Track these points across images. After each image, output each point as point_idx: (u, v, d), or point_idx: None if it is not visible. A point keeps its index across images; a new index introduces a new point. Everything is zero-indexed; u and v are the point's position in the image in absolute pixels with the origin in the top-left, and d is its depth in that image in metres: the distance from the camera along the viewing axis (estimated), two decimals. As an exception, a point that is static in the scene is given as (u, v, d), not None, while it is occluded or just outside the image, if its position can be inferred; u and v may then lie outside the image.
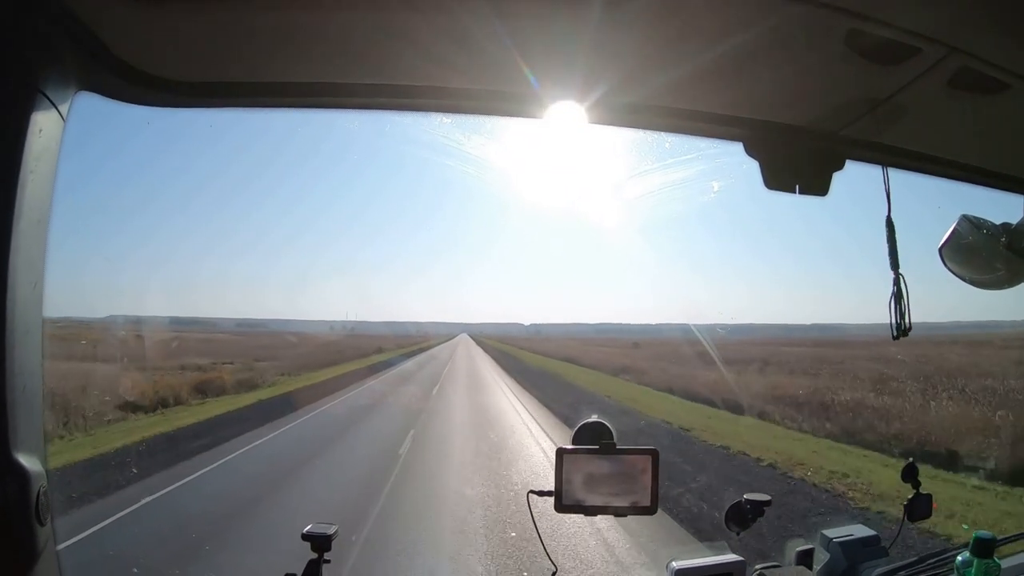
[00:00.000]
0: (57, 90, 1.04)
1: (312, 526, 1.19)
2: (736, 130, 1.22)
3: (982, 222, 1.36)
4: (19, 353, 0.98)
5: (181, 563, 5.11)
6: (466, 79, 1.11)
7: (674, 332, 39.67)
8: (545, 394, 17.93)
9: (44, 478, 1.01)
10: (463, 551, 5.47)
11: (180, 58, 1.09)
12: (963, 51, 1.00)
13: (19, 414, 0.97)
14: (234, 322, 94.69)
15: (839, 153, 1.25)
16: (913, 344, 21.60)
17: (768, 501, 1.30)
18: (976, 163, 1.40)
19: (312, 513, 5.75)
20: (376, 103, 1.17)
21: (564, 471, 1.10)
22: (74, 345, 17.06)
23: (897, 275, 1.24)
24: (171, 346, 24.18)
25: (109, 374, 15.55)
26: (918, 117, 1.19)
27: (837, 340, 43.17)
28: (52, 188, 1.07)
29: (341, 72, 1.11)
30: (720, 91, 1.13)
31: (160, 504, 6.96)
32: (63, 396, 12.13)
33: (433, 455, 9.70)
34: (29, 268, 1.01)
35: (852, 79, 1.09)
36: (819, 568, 1.35)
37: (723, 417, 14.03)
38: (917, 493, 1.44)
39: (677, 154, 2.85)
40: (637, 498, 1.10)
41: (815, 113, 1.19)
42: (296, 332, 62.55)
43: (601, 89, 1.10)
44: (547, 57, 1.05)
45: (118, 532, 6.01)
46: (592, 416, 1.19)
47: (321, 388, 20.27)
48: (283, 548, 3.47)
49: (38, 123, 1.00)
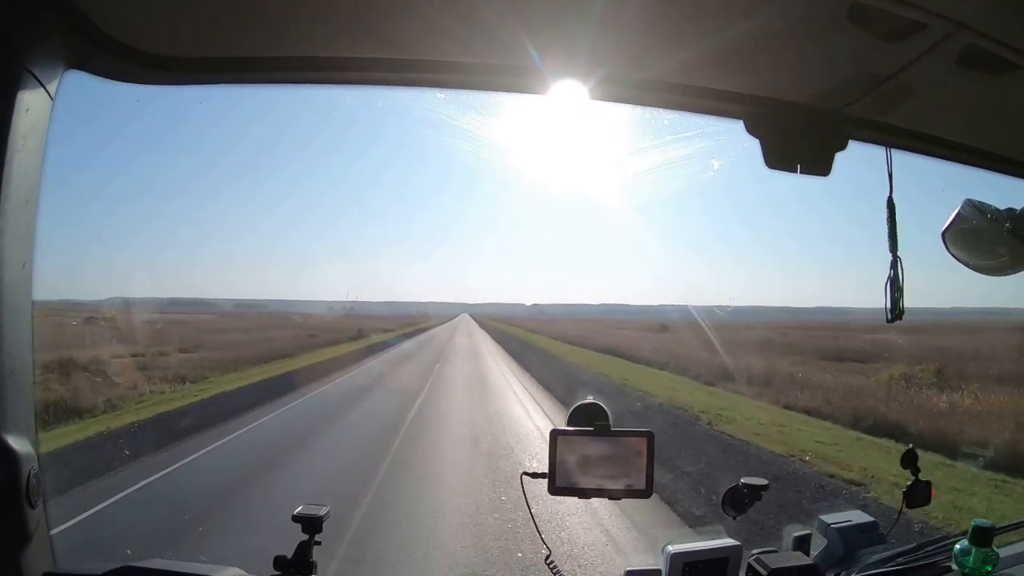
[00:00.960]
0: (44, 68, 1.02)
1: (303, 507, 1.19)
2: (737, 107, 1.19)
3: (986, 207, 1.34)
4: (7, 333, 0.97)
5: (178, 542, 5.05)
6: (469, 53, 1.10)
7: (680, 314, 37.39)
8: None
9: (35, 460, 1.00)
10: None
11: (172, 33, 1.07)
12: (970, 28, 0.97)
13: (7, 396, 0.97)
14: (232, 303, 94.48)
15: (842, 132, 1.23)
16: (909, 329, 21.63)
17: (765, 485, 1.29)
18: (981, 145, 1.38)
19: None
20: (377, 78, 1.15)
21: (558, 453, 1.09)
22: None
23: (895, 258, 1.22)
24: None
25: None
26: (923, 96, 1.17)
27: (838, 324, 42.73)
28: (41, 168, 1.06)
29: (341, 45, 1.09)
30: (721, 67, 1.11)
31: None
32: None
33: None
34: (18, 248, 1.00)
35: (856, 56, 1.06)
36: (816, 553, 1.34)
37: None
38: (916, 480, 1.43)
39: (677, 131, 2.82)
40: (632, 481, 1.10)
41: (818, 91, 1.16)
42: (281, 313, 59.99)
43: (603, 64, 1.09)
44: (550, 32, 1.03)
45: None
46: (588, 397, 1.18)
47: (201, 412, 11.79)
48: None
49: (25, 102, 0.99)
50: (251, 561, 1.18)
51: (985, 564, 1.25)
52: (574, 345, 33.10)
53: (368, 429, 10.29)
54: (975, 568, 1.25)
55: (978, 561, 1.25)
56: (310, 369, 19.26)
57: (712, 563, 1.16)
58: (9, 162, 0.97)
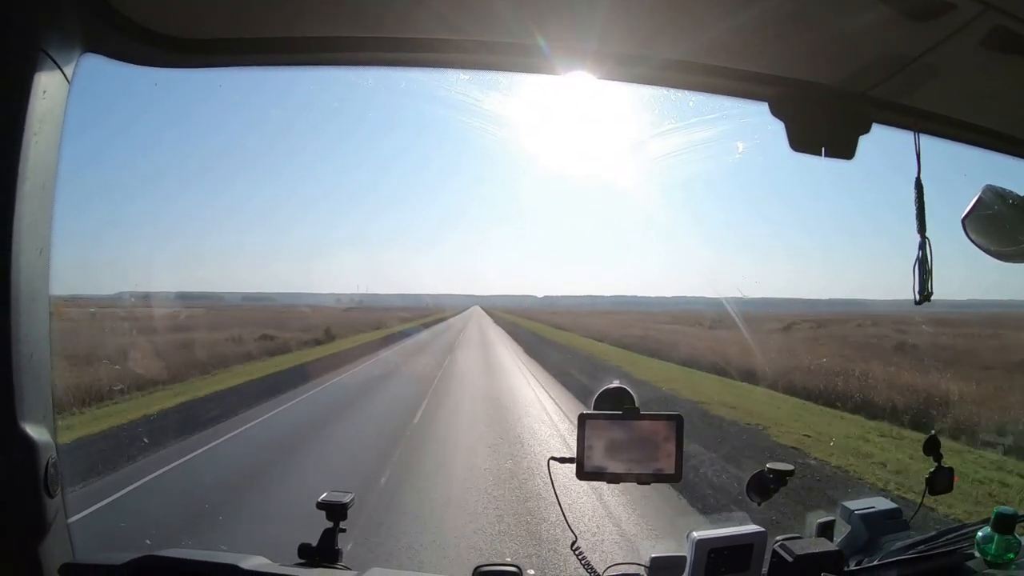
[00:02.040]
0: (61, 51, 1.00)
1: (327, 494, 1.17)
2: (762, 88, 1.18)
3: (1008, 193, 1.33)
4: (25, 321, 0.95)
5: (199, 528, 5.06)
6: (487, 31, 1.08)
7: (695, 306, 33.70)
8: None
9: (53, 449, 0.99)
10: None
11: (190, 14, 1.06)
12: (998, 8, 0.96)
13: (26, 384, 0.95)
14: (240, 296, 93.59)
15: (866, 115, 1.21)
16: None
17: (791, 471, 1.28)
18: (1004, 130, 1.36)
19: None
20: (393, 58, 1.14)
21: (586, 437, 1.08)
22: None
23: (923, 239, 1.21)
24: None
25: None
26: (947, 79, 1.16)
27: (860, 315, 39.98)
28: (58, 152, 1.04)
29: (357, 25, 1.07)
30: (746, 48, 1.10)
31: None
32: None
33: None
34: (35, 234, 0.98)
35: (882, 36, 1.05)
36: (840, 539, 1.34)
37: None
38: (939, 467, 1.42)
39: (701, 113, 2.82)
40: (660, 465, 1.08)
41: (843, 72, 1.15)
42: (284, 306, 58.60)
43: (624, 43, 1.07)
44: (569, 9, 1.02)
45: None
46: (614, 382, 1.17)
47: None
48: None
49: (42, 84, 0.97)
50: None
51: (1008, 552, 1.25)
52: (628, 349, 24.71)
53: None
54: (997, 555, 1.25)
55: (1000, 548, 1.25)
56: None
57: (737, 549, 1.15)
58: (27, 145, 0.95)
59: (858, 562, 1.29)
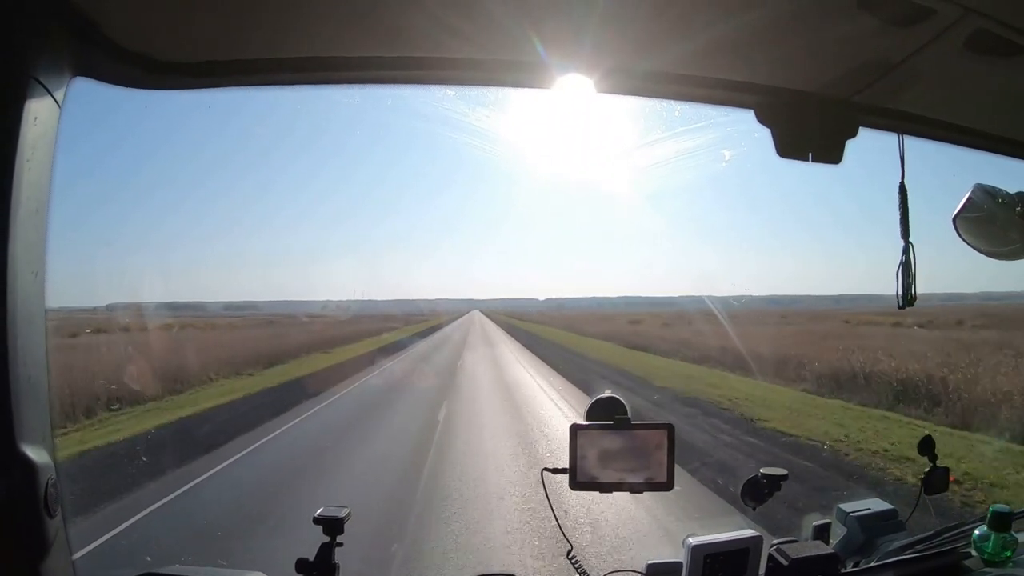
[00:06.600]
0: (51, 76, 1.01)
1: (323, 509, 1.18)
2: (748, 96, 1.19)
3: (997, 191, 1.34)
4: (23, 343, 0.96)
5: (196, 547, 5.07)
6: (474, 48, 1.09)
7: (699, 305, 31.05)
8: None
9: (52, 469, 1.00)
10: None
11: (178, 38, 1.07)
12: (978, 12, 0.97)
13: (24, 405, 0.96)
14: (221, 305, 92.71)
15: (852, 120, 1.22)
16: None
17: (785, 475, 1.29)
18: (992, 130, 1.37)
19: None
20: (382, 76, 1.14)
21: (578, 447, 1.08)
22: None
23: (907, 244, 1.22)
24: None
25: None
26: (932, 82, 1.16)
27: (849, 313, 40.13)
28: (50, 177, 1.05)
29: (345, 44, 1.08)
30: (730, 57, 1.10)
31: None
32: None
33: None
34: (29, 257, 0.99)
35: (865, 42, 1.06)
36: (836, 542, 1.34)
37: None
38: (934, 466, 1.43)
39: (688, 122, 2.85)
40: (652, 474, 1.09)
41: (828, 78, 1.16)
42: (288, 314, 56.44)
43: (610, 57, 1.08)
44: (555, 25, 1.03)
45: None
46: (606, 391, 1.18)
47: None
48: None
49: (32, 111, 0.98)
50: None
51: (1004, 550, 1.25)
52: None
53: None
54: (994, 553, 1.25)
55: (997, 547, 1.25)
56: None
57: (733, 554, 1.15)
58: (19, 173, 0.96)
59: (855, 564, 1.29)
